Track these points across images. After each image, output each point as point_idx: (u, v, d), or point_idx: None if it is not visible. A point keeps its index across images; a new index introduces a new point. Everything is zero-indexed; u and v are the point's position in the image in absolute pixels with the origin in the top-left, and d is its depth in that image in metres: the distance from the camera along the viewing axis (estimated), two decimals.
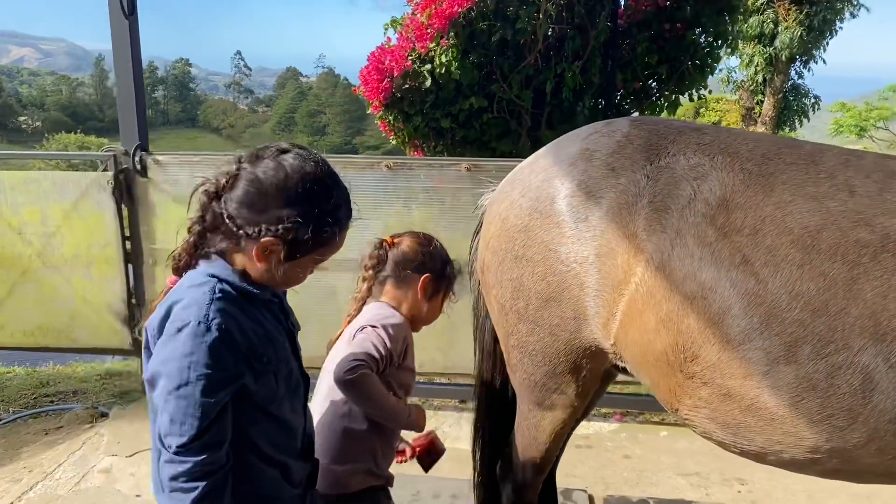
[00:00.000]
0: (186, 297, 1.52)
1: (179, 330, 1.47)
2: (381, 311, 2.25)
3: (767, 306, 1.75)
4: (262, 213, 1.53)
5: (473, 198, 4.08)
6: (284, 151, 1.58)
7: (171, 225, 4.39)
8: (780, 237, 1.79)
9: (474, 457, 2.82)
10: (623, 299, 1.99)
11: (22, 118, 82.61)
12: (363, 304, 2.33)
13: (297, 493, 1.78)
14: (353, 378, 1.99)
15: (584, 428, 4.20)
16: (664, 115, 9.18)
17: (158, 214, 4.43)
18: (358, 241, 2.27)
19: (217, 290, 1.53)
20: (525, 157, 2.48)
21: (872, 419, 1.68)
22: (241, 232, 1.54)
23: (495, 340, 2.53)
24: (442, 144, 8.77)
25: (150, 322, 1.56)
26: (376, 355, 2.06)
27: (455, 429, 4.27)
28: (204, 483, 1.46)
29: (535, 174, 2.23)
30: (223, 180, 1.57)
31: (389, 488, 2.29)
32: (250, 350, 1.53)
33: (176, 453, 1.47)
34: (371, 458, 2.18)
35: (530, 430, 2.42)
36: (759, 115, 23.87)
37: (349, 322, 2.30)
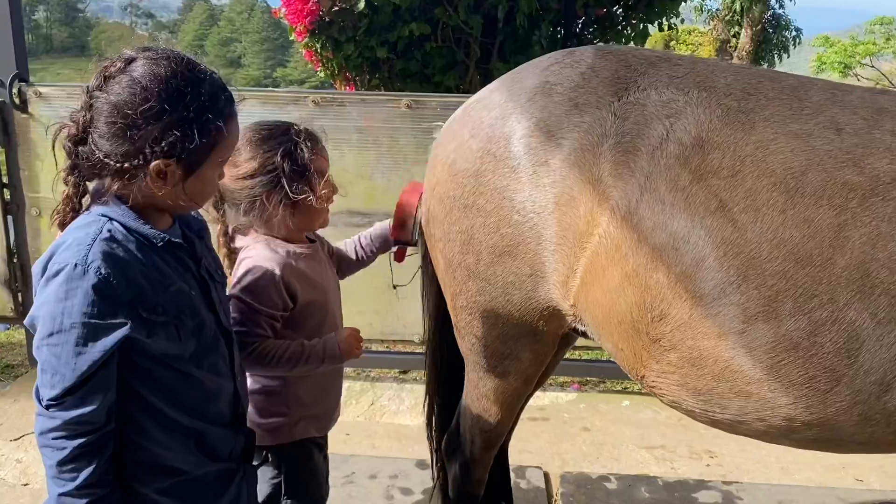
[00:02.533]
0: (70, 238, 1.53)
1: (57, 273, 1.49)
2: (242, 264, 2.14)
3: (746, 256, 1.79)
4: (136, 139, 1.52)
5: (415, 139, 4.09)
6: (130, 61, 1.56)
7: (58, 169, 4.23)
8: (760, 179, 1.82)
9: (430, 435, 2.84)
10: (585, 253, 2.01)
11: None
12: (230, 257, 2.19)
13: (224, 467, 1.78)
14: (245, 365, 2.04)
15: (539, 398, 4.28)
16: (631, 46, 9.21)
17: (43, 157, 4.27)
18: None
19: (104, 230, 1.53)
20: (474, 92, 2.46)
21: (857, 381, 1.75)
22: (126, 167, 1.54)
23: (444, 299, 2.54)
24: (378, 78, 8.62)
25: (36, 264, 1.57)
26: (247, 330, 2.06)
27: (395, 402, 4.30)
28: (75, 443, 1.49)
29: (488, 111, 2.22)
30: (81, 118, 1.55)
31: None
32: (139, 297, 1.53)
33: (47, 407, 1.49)
34: (299, 407, 2.24)
35: (480, 400, 2.44)
36: (735, 49, 24.24)
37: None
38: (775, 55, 24.74)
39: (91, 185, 1.62)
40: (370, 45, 7.99)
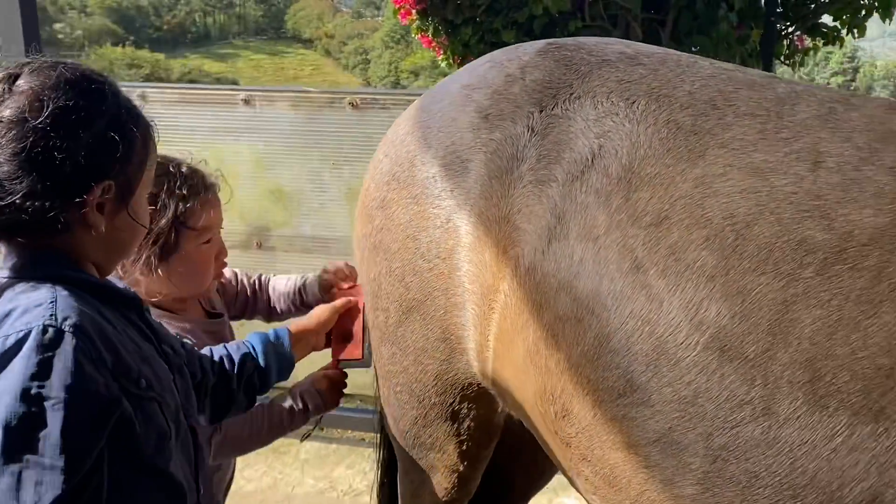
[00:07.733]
0: (15, 304, 1.38)
1: (17, 344, 1.32)
2: None
3: (657, 339, 1.57)
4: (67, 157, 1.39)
5: None
6: (13, 78, 1.41)
7: None
8: (690, 231, 1.59)
9: None
10: (494, 316, 1.86)
11: (58, 25, 79.37)
12: None
13: None
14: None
15: None
16: None
17: None
18: None
19: (58, 288, 1.40)
20: None
21: None
22: (55, 204, 1.38)
23: None
24: None
25: None
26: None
27: (363, 477, 4.16)
28: None
29: (403, 123, 2.16)
30: None
31: None
32: (119, 364, 1.41)
33: None
34: None
35: (413, 500, 2.34)
36: None
37: None
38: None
39: None
40: (493, 28, 7.91)
